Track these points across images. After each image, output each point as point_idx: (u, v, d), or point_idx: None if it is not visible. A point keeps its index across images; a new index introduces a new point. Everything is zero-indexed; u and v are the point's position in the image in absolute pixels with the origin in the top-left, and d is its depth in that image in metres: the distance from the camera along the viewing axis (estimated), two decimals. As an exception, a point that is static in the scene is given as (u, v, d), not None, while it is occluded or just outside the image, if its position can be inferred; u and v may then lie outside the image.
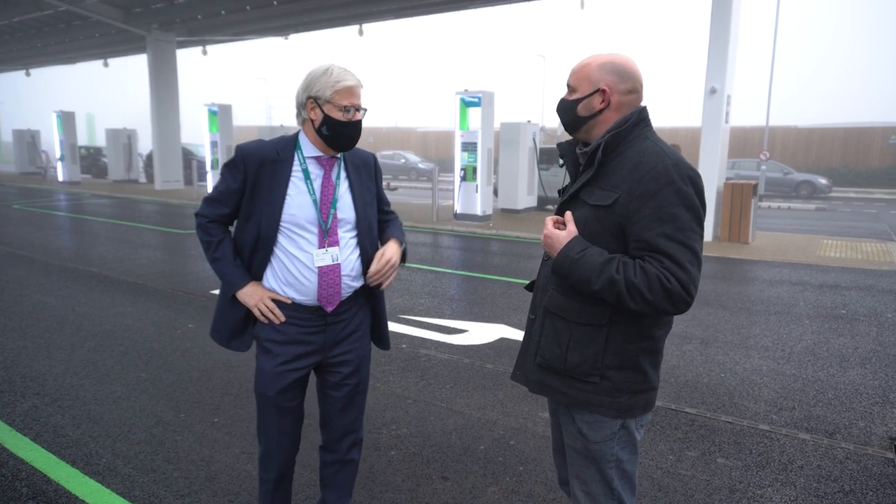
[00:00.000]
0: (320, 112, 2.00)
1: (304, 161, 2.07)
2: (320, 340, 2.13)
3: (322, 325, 2.12)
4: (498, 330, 5.49)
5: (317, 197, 2.06)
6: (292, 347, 2.10)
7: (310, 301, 2.08)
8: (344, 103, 1.98)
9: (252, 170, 2.03)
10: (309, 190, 2.05)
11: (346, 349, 2.19)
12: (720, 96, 10.58)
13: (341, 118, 1.99)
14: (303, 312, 2.09)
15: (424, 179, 30.20)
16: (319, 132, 2.03)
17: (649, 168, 1.60)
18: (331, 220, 2.07)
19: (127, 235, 10.98)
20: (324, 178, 2.08)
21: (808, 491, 2.97)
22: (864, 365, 4.74)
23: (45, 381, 4.16)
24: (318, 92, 1.98)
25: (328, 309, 2.10)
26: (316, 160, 2.08)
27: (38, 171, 26.80)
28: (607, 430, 1.74)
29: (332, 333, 2.15)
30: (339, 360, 2.19)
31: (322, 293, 2.07)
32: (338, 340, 2.17)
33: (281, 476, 2.25)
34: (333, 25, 18.93)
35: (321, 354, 2.16)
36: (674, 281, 1.54)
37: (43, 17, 18.71)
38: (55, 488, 2.86)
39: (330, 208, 2.07)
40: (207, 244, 2.11)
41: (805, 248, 10.15)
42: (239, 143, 2.10)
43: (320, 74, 1.99)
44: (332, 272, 2.07)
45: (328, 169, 2.09)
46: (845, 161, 26.96)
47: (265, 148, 2.06)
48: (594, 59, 1.74)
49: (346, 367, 2.20)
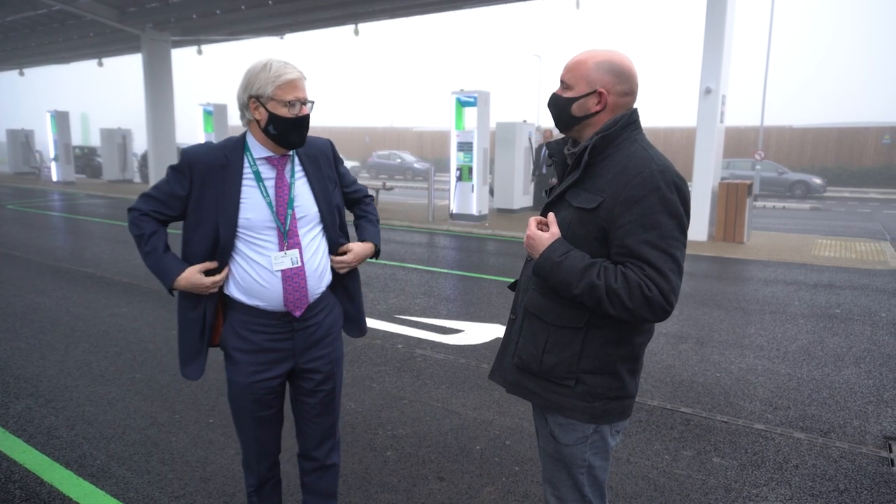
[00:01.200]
0: (265, 111, 1.89)
1: (254, 163, 1.97)
2: (289, 347, 2.05)
3: (290, 332, 2.04)
4: (494, 330, 5.49)
5: (271, 199, 1.96)
6: (260, 356, 2.02)
7: (275, 307, 1.99)
8: (288, 98, 1.87)
9: (199, 176, 1.94)
10: (262, 193, 1.95)
11: (317, 354, 2.11)
12: (715, 96, 10.61)
13: (287, 114, 1.88)
14: (269, 319, 2.00)
15: (420, 179, 30.20)
16: (266, 132, 1.92)
17: (636, 173, 1.58)
18: (289, 222, 1.98)
19: (122, 236, 10.93)
20: (277, 179, 1.98)
21: (803, 490, 2.97)
22: (859, 364, 4.76)
23: (38, 383, 4.14)
24: (260, 90, 1.87)
25: (296, 314, 2.02)
26: (267, 161, 1.98)
27: (32, 171, 26.67)
28: (579, 433, 1.73)
29: (301, 339, 2.06)
30: (310, 367, 2.10)
31: (288, 298, 1.99)
32: (308, 346, 2.08)
33: (262, 480, 2.21)
34: (329, 25, 18.89)
35: (291, 361, 2.07)
36: (654, 289, 1.52)
37: (37, 16, 18.62)
38: (49, 490, 2.84)
39: (287, 209, 1.98)
40: (139, 238, 1.98)
41: (800, 248, 10.18)
42: (185, 147, 2.00)
43: (259, 71, 1.88)
44: (296, 276, 1.99)
45: (280, 169, 1.99)
46: (839, 161, 27.07)
47: (213, 152, 1.96)
48: (591, 57, 1.69)
49: (318, 373, 2.12)
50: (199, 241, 1.97)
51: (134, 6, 17.99)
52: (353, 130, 39.85)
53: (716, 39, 10.53)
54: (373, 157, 32.79)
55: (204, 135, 17.54)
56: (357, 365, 4.56)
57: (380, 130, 39.92)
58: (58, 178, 22.61)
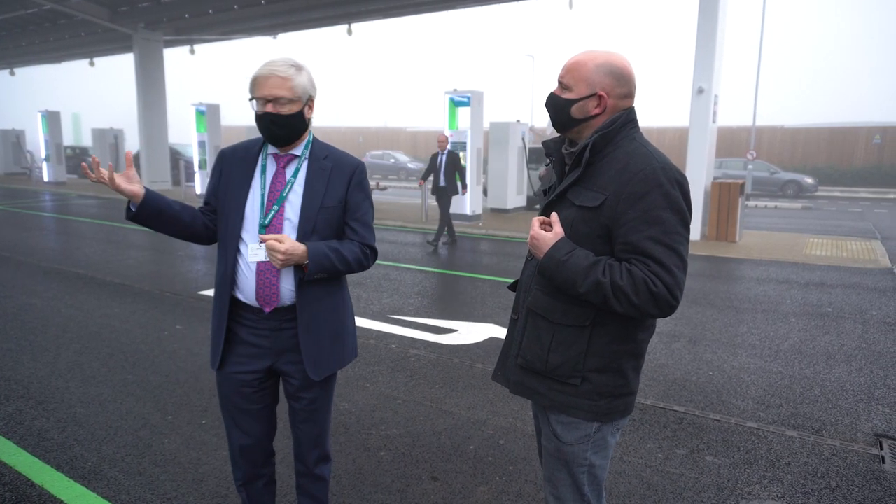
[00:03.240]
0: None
1: (265, 157, 2.07)
2: (268, 344, 2.05)
3: (269, 330, 2.04)
4: (487, 329, 5.49)
5: (265, 191, 2.02)
6: (239, 347, 2.07)
7: (249, 300, 2.02)
8: (257, 95, 1.96)
9: (227, 167, 2.09)
10: (261, 184, 2.04)
11: (293, 359, 2.07)
12: (707, 96, 10.66)
13: (258, 111, 1.97)
14: (248, 312, 2.05)
15: (414, 179, 30.17)
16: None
17: (637, 170, 1.59)
18: (272, 216, 1.99)
19: (113, 236, 10.88)
20: (275, 173, 2.05)
21: (795, 487, 2.99)
22: (850, 362, 4.79)
23: (29, 384, 4.11)
24: (249, 91, 1.99)
25: (266, 310, 2.01)
26: (273, 156, 2.07)
27: (22, 171, 26.49)
28: (582, 431, 1.73)
29: (280, 340, 2.05)
30: (286, 370, 2.09)
31: (259, 292, 1.99)
32: (288, 348, 2.06)
33: (248, 477, 2.21)
34: (322, 25, 18.85)
35: (270, 359, 2.07)
36: (660, 284, 1.53)
37: (27, 15, 18.50)
38: (39, 492, 2.82)
39: (274, 204, 2.00)
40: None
41: (791, 247, 10.24)
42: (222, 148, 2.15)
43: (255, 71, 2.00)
44: (269, 271, 1.98)
45: (281, 165, 2.05)
46: (831, 160, 27.24)
47: (241, 147, 2.12)
48: (591, 58, 1.68)
49: (295, 378, 2.09)
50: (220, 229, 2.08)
51: (126, 6, 17.90)
52: (347, 130, 39.78)
53: (708, 40, 10.58)
54: (367, 157, 32.72)
55: (196, 135, 17.45)
56: (350, 365, 4.55)
57: (373, 130, 39.85)
58: (49, 178, 22.46)
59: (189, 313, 5.90)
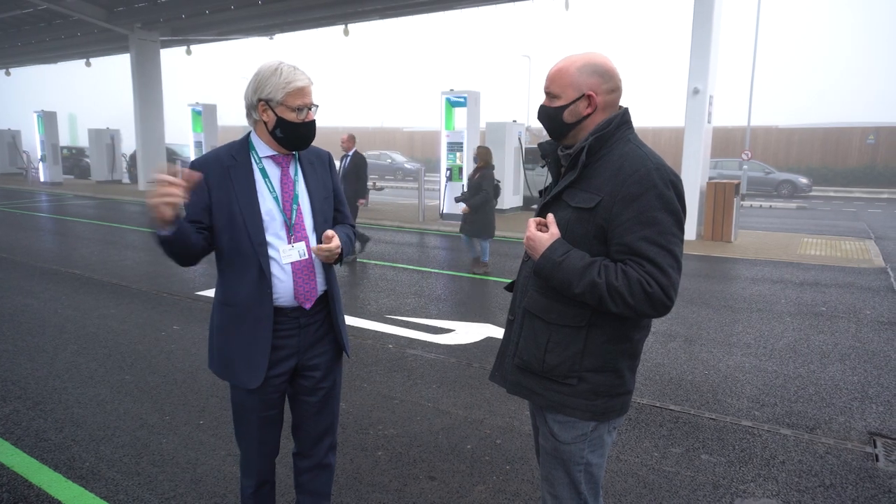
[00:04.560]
0: (273, 114, 1.95)
1: (259, 161, 2.03)
2: (295, 343, 2.09)
3: (296, 328, 2.08)
4: (484, 329, 5.51)
5: (278, 194, 2.03)
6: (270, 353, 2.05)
7: (287, 302, 2.04)
8: (297, 104, 1.94)
9: (214, 181, 1.97)
10: (269, 188, 2.02)
11: (319, 351, 2.15)
12: (702, 97, 10.70)
13: (295, 119, 1.95)
14: (279, 315, 2.04)
15: (410, 179, 30.18)
16: (273, 134, 1.99)
17: (632, 171, 1.61)
18: (294, 216, 2.04)
19: (110, 237, 10.86)
20: (282, 175, 2.06)
21: (789, 486, 3.02)
22: (844, 361, 4.82)
23: (27, 385, 4.11)
24: (270, 94, 1.92)
25: (306, 306, 2.06)
26: (272, 159, 2.05)
27: (19, 171, 26.39)
28: (578, 430, 1.75)
29: (306, 336, 2.11)
30: (312, 364, 2.14)
31: (298, 290, 2.04)
32: (312, 343, 2.13)
33: (262, 482, 2.23)
34: (318, 25, 18.83)
35: (297, 358, 2.11)
36: (655, 285, 1.56)
37: (23, 15, 18.44)
38: (37, 493, 2.82)
39: (292, 204, 2.05)
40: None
41: (786, 247, 10.29)
42: (192, 161, 2.04)
43: (269, 75, 1.93)
44: (305, 267, 2.05)
45: (285, 166, 2.06)
46: (825, 161, 27.34)
47: (220, 156, 2.01)
48: (571, 63, 1.71)
49: (319, 370, 2.16)
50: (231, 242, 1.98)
51: (122, 6, 17.86)
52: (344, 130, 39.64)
53: (703, 40, 10.62)
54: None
55: (193, 135, 17.43)
56: (348, 365, 4.56)
57: (370, 130, 39.82)
58: (45, 178, 22.39)
59: (186, 314, 5.90)
